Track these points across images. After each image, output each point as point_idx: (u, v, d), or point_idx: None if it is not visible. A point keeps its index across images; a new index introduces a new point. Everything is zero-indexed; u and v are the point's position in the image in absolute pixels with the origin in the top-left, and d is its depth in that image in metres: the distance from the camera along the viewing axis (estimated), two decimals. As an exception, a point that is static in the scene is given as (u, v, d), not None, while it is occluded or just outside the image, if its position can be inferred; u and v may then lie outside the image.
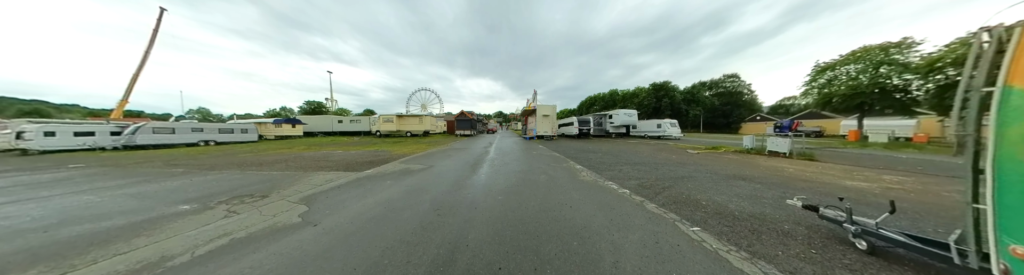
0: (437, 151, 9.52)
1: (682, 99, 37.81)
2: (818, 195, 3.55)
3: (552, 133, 16.94)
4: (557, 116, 17.45)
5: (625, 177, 4.63)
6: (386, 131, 21.64)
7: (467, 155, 8.15)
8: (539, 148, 11.03)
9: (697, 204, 3.07)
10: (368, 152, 9.85)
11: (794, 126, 37.36)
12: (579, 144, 13.50)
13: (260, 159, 7.96)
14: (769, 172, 5.48)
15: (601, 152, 9.24)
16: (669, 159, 7.43)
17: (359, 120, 26.04)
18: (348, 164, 6.27)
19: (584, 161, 6.72)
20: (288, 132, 22.55)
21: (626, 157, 7.75)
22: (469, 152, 9.18)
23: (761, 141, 10.18)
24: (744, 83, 47.06)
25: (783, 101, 65.72)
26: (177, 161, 7.96)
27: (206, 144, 16.24)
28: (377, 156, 8.27)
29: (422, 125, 21.49)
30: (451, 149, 10.48)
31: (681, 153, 9.37)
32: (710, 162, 6.92)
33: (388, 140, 18.14)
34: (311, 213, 2.75)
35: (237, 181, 4.58)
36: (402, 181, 4.28)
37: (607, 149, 10.62)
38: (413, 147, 11.84)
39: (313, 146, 13.73)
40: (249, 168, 6.15)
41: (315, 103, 45.00)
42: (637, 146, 12.41)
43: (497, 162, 6.48)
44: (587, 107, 51.87)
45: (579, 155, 8.20)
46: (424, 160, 6.98)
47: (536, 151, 9.56)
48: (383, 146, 12.89)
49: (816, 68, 19.48)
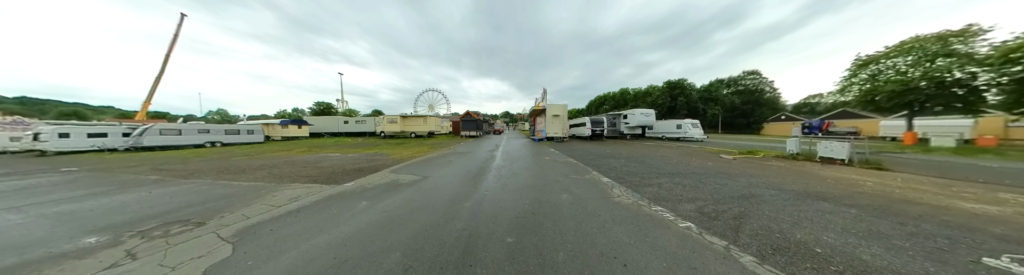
0: (437, 156, 8.65)
1: (699, 98, 35.81)
2: (959, 230, 2.44)
3: (563, 134, 15.84)
4: (567, 116, 16.37)
5: (673, 197, 3.58)
6: (390, 132, 21.11)
7: (470, 161, 7.21)
8: (550, 152, 9.98)
9: (809, 253, 2.02)
10: (365, 156, 9.14)
11: (825, 126, 34.43)
12: (594, 147, 12.39)
13: (248, 164, 7.33)
14: (844, 187, 4.34)
15: (623, 157, 8.16)
16: (706, 167, 6.30)
17: (365, 121, 25.67)
18: (333, 173, 5.47)
19: (609, 170, 5.67)
20: (294, 133, 22.39)
21: (655, 164, 6.67)
22: (473, 157, 8.26)
23: (808, 144, 8.85)
24: (766, 80, 44.40)
25: (808, 99, 61.84)
26: (165, 166, 7.44)
27: (212, 145, 16.06)
28: (372, 161, 7.51)
29: (426, 126, 20.81)
30: (453, 153, 9.59)
31: (715, 159, 8.19)
32: (758, 171, 5.77)
33: (391, 141, 17.54)
34: (229, 264, 1.89)
35: (194, 196, 3.84)
36: (381, 202, 3.39)
37: (628, 153, 9.51)
38: (414, 150, 11.07)
39: (314, 148, 13.22)
40: (226, 176, 5.48)
41: (324, 104, 45.39)
42: (659, 149, 11.22)
43: (504, 171, 5.49)
44: (597, 107, 50.32)
45: (599, 161, 7.16)
46: (420, 168, 6.09)
47: (548, 156, 8.53)
48: (383, 148, 12.21)
49: (856, 62, 17.54)
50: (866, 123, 30.83)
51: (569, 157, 8.11)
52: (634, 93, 43.72)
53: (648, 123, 17.57)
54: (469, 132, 22.36)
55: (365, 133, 25.61)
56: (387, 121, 20.70)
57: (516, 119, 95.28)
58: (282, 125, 21.74)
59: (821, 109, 55.61)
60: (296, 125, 22.43)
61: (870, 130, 28.40)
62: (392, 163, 6.97)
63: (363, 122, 25.60)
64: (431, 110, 63.50)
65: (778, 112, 43.60)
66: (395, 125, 20.52)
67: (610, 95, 48.54)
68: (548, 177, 4.88)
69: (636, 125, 17.68)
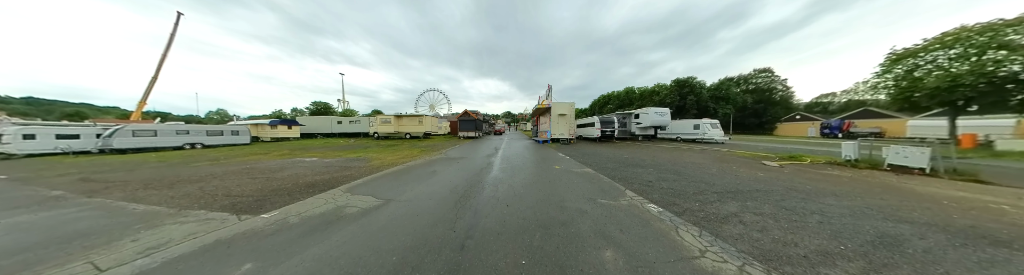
0: (422, 163, 7.22)
1: (710, 97, 34.12)
2: None
3: (569, 136, 14.42)
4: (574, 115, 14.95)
5: (786, 249, 2.16)
6: (384, 133, 19.84)
7: (459, 172, 5.77)
8: (560, 157, 8.53)
9: None
10: (342, 161, 7.84)
11: (846, 126, 32.53)
12: (608, 150, 10.95)
13: (195, 173, 6.06)
14: (990, 217, 2.96)
15: (649, 165, 6.75)
16: (763, 180, 4.90)
17: (359, 121, 24.46)
18: (275, 190, 4.10)
19: (645, 188, 4.23)
20: (284, 134, 21.23)
21: (696, 176, 5.27)
22: (465, 165, 6.84)
23: (867, 148, 7.42)
24: (778, 78, 42.66)
25: (820, 98, 59.83)
26: (102, 174, 6.22)
27: (193, 147, 14.91)
28: (343, 169, 6.20)
29: (422, 126, 19.48)
30: (444, 159, 8.19)
31: (759, 167, 6.78)
32: (835, 187, 4.40)
33: (383, 143, 16.26)
34: None
35: (35, 233, 2.56)
36: (281, 263, 1.94)
37: (652, 160, 8.09)
38: (401, 154, 9.76)
39: (295, 151, 11.99)
40: (142, 193, 4.20)
41: (321, 104, 44.38)
42: (684, 154, 9.78)
43: (502, 191, 3.95)
44: (600, 106, 48.81)
45: (624, 172, 5.73)
46: (390, 184, 4.63)
47: (560, 164, 6.99)
48: (370, 151, 10.92)
49: (890, 56, 15.87)
50: (890, 123, 29.07)
51: (584, 165, 6.68)
52: (640, 92, 42.13)
53: (663, 123, 16.08)
54: (467, 133, 20.98)
55: (359, 134, 24.43)
56: (380, 121, 19.45)
57: (518, 119, 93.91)
58: (271, 126, 20.59)
59: (834, 109, 53.71)
60: (286, 126, 21.26)
61: (895, 131, 26.65)
62: (363, 173, 5.63)
63: (357, 122, 24.40)
64: (432, 110, 62.45)
65: (791, 111, 41.80)
66: (389, 125, 19.25)
67: (614, 94, 47.03)
68: (567, 203, 3.36)
69: (649, 125, 16.20)
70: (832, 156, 8.94)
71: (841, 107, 54.31)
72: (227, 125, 17.96)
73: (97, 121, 20.06)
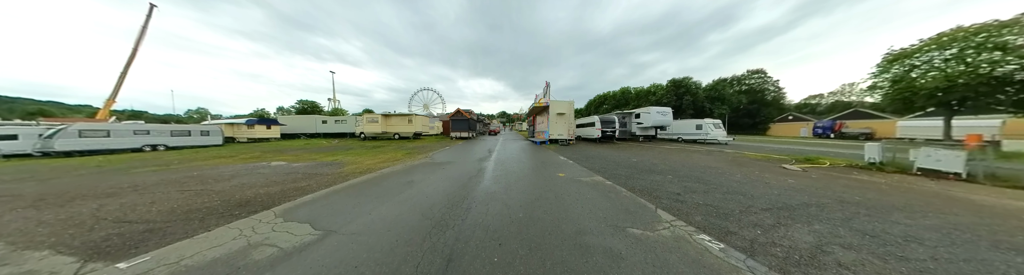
0: (401, 170, 6.16)
1: (706, 97, 33.98)
2: None
3: (569, 136, 13.58)
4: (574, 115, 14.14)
5: None
6: (371, 133, 18.61)
7: (442, 183, 4.68)
8: (561, 161, 7.59)
9: None
10: (309, 166, 6.78)
11: (837, 127, 32.84)
12: (612, 153, 10.12)
13: (125, 182, 4.94)
14: None
15: (666, 171, 5.93)
16: (800, 189, 4.14)
17: (345, 120, 23.11)
18: (189, 212, 3.05)
19: (680, 206, 3.30)
20: (262, 134, 19.76)
21: (724, 185, 4.47)
22: (451, 172, 5.81)
23: (892, 151, 6.87)
24: (771, 79, 43.05)
25: (808, 100, 61.42)
26: (6, 183, 5.02)
27: (153, 149, 13.46)
28: (303, 178, 5.18)
29: (412, 126, 18.34)
30: (429, 164, 7.18)
31: (782, 171, 6.10)
32: (889, 199, 3.71)
33: (369, 144, 15.11)
34: None
35: None
36: None
37: (663, 163, 7.30)
38: (383, 157, 8.72)
39: (267, 153, 10.79)
40: (16, 213, 3.12)
41: (308, 102, 42.49)
42: (693, 156, 9.05)
43: (494, 215, 2.90)
44: (596, 106, 48.45)
45: (643, 181, 4.84)
46: (349, 201, 3.54)
47: (563, 170, 6.03)
48: (349, 154, 9.83)
49: (887, 57, 15.94)
50: (880, 123, 29.45)
51: (593, 172, 5.76)
52: (636, 92, 41.94)
53: (665, 123, 15.44)
54: (460, 133, 19.90)
55: (346, 134, 23.10)
56: (367, 121, 18.22)
57: (513, 119, 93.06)
58: (248, 125, 19.12)
59: (821, 110, 55.09)
60: (264, 125, 19.80)
61: (885, 131, 26.91)
62: (323, 184, 4.62)
63: (343, 122, 23.05)
64: (426, 109, 61.01)
65: (784, 112, 42.26)
66: (376, 125, 18.04)
67: (610, 94, 46.73)
68: (587, 237, 2.30)
69: (651, 125, 15.53)
70: (847, 158, 8.38)
71: (828, 108, 56.03)
72: (196, 125, 16.48)
73: (50, 120, 18.22)
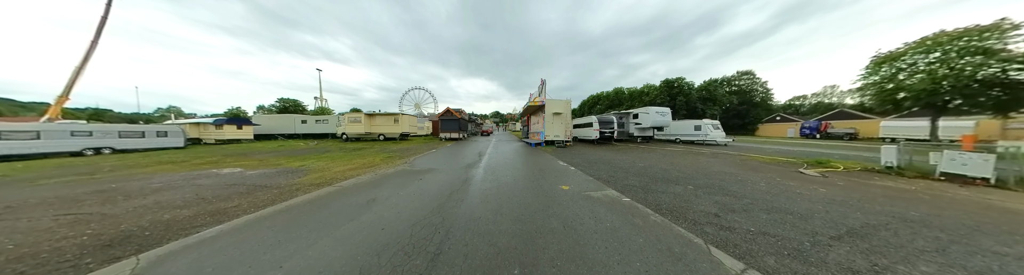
0: (368, 182, 5.04)
1: (698, 97, 34.07)
2: None
3: (565, 137, 12.79)
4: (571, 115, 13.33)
5: None
6: (354, 134, 17.28)
7: (412, 203, 3.45)
8: (561, 168, 6.65)
9: None
10: (264, 175, 5.67)
11: (823, 127, 33.55)
12: (615, 156, 9.33)
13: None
14: None
15: (683, 180, 5.14)
16: (843, 203, 3.42)
17: (326, 120, 21.61)
18: (18, 259, 1.96)
19: (732, 237, 2.42)
20: (233, 135, 18.08)
21: (757, 198, 3.71)
22: (429, 185, 4.60)
23: (908, 153, 6.46)
24: (759, 81, 43.84)
25: (792, 101, 63.64)
26: None
27: (97, 153, 11.81)
28: (241, 195, 4.12)
29: (398, 126, 17.12)
30: (407, 172, 5.96)
31: (802, 177, 5.50)
32: (950, 214, 3.07)
33: (350, 146, 13.87)
34: None
35: None
36: None
37: (675, 169, 6.54)
38: (358, 162, 7.63)
39: (228, 157, 9.48)
40: None
41: (290, 101, 40.22)
42: (700, 159, 8.39)
43: (474, 265, 1.85)
44: (590, 107, 48.15)
45: (666, 197, 3.99)
46: (273, 235, 2.39)
47: (567, 180, 5.00)
48: (321, 159, 8.67)
49: (874, 59, 16.35)
50: (864, 123, 30.19)
51: (601, 182, 4.86)
52: (629, 93, 41.85)
53: (664, 123, 14.90)
54: (449, 134, 18.74)
55: (328, 135, 21.60)
56: (349, 121, 16.89)
57: (506, 119, 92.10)
58: (215, 125, 17.43)
59: (805, 110, 57.13)
60: (235, 125, 18.13)
61: (868, 131, 27.61)
62: (261, 203, 3.58)
63: (325, 122, 21.54)
64: (417, 109, 59.30)
65: (772, 113, 43.09)
66: (359, 125, 16.73)
67: (604, 94, 46.54)
68: None
69: (650, 126, 14.96)
70: (854, 161, 7.94)
71: (811, 108, 58.44)
72: (152, 125, 14.77)
73: None
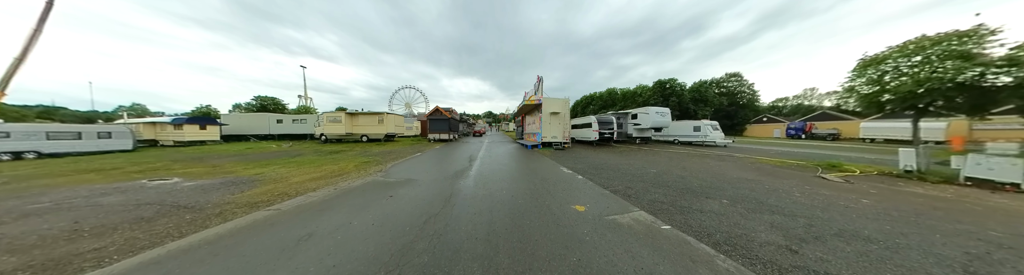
0: (320, 201, 3.74)
1: (691, 98, 34.30)
2: None
3: (564, 139, 11.97)
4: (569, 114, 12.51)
5: None
6: (334, 135, 15.83)
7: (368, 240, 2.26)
8: (566, 176, 5.56)
9: None
10: (203, 189, 4.48)
11: (807, 128, 34.45)
12: (620, 160, 8.46)
13: None
14: None
15: (708, 191, 4.33)
16: (902, 219, 2.65)
17: (304, 119, 19.94)
18: None
19: None
20: (195, 136, 16.23)
21: (807, 214, 2.93)
22: (400, 206, 3.37)
23: (924, 156, 6.10)
24: (747, 82, 44.91)
25: (775, 102, 66.32)
26: None
27: (17, 158, 10.01)
28: (140, 224, 2.98)
29: (383, 127, 15.79)
30: (377, 185, 4.67)
31: (828, 184, 4.96)
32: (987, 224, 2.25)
33: (325, 149, 12.53)
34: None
35: None
36: None
37: (691, 176, 5.75)
38: (326, 169, 6.48)
39: (177, 163, 8.07)
40: None
41: (268, 99, 37.62)
42: (709, 162, 7.72)
43: None
44: (583, 107, 47.90)
45: (706, 217, 3.08)
46: None
47: (577, 195, 3.96)
48: (287, 165, 7.42)
49: (860, 62, 16.72)
50: (845, 124, 31.16)
51: (621, 197, 3.90)
52: (622, 93, 41.90)
53: (663, 124, 14.37)
54: (439, 135, 17.43)
55: (306, 136, 19.94)
56: (328, 120, 15.45)
57: (499, 119, 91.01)
58: (174, 125, 15.58)
59: (787, 112, 59.59)
60: (197, 125, 16.29)
61: (849, 132, 28.49)
62: (143, 243, 2.51)
63: (303, 121, 19.89)
64: (408, 108, 57.35)
65: (759, 114, 44.17)
66: (338, 126, 15.33)
67: (597, 95, 46.43)
68: None
69: (649, 127, 14.41)
70: (866, 164, 7.51)
71: (792, 110, 61.18)
72: (93, 125, 12.90)
73: None
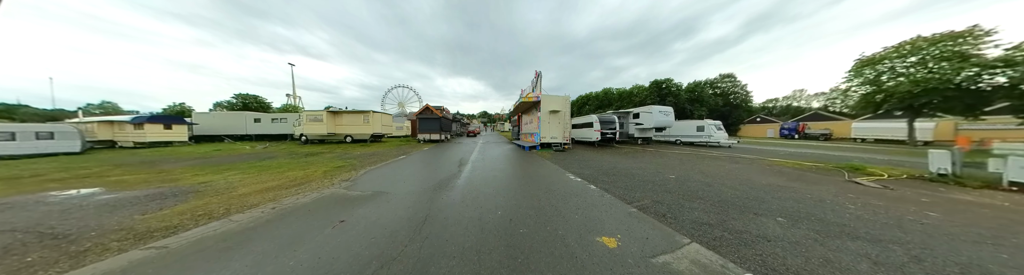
0: (233, 232, 2.53)
1: (687, 98, 34.14)
2: None
3: (564, 139, 11.14)
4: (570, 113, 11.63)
5: None
6: (314, 135, 14.60)
7: None
8: (575, 186, 4.54)
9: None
10: (117, 204, 3.39)
11: (800, 128, 34.81)
12: (629, 164, 7.60)
13: None
14: None
15: (747, 203, 3.49)
16: (994, 237, 1.92)
17: (284, 118, 18.56)
18: None
19: None
20: (158, 136, 14.74)
21: (872, 230, 2.11)
22: (348, 239, 2.22)
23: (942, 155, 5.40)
24: (740, 83, 45.30)
25: (765, 103, 67.79)
26: None
27: (-66, 160, 8.57)
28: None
29: (368, 126, 14.61)
30: (334, 201, 3.49)
31: (867, 190, 4.22)
32: None
33: (302, 151, 11.35)
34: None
35: None
36: None
37: (717, 182, 4.93)
38: (289, 176, 5.45)
39: (115, 169, 6.86)
40: None
41: (249, 97, 35.63)
42: (722, 165, 6.99)
43: None
44: (579, 108, 47.44)
45: (778, 246, 2.27)
46: None
47: (598, 213, 3.01)
48: (247, 170, 6.32)
49: (858, 62, 16.86)
50: (837, 125, 31.55)
51: (651, 216, 3.00)
52: (618, 93, 41.57)
53: (667, 124, 13.74)
54: (429, 135, 16.19)
55: (287, 136, 18.58)
56: (308, 119, 14.21)
57: (495, 119, 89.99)
58: (134, 124, 14.08)
59: (777, 112, 60.83)
60: (161, 124, 14.81)
61: (841, 132, 28.79)
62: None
63: (283, 120, 18.50)
64: (401, 108, 55.78)
65: (752, 114, 44.59)
66: (319, 125, 14.11)
67: (593, 95, 46.06)
68: None
69: (652, 126, 13.76)
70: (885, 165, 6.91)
71: (782, 111, 62.69)
72: (32, 124, 11.39)
73: None
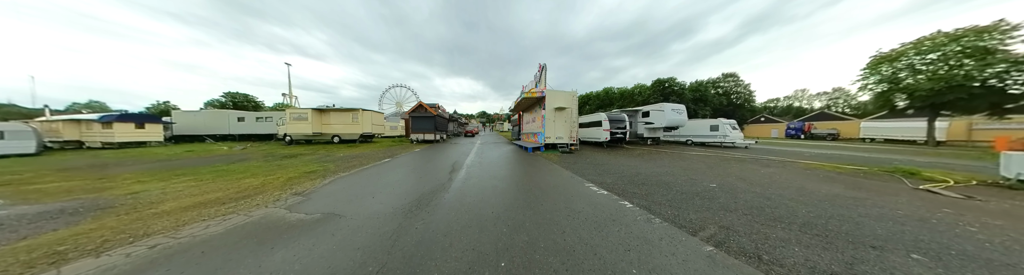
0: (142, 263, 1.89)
1: (691, 98, 33.30)
2: None
3: (571, 140, 10.11)
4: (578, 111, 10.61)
5: None
6: (299, 135, 13.50)
7: None
8: (600, 200, 3.37)
9: None
10: None
11: (806, 128, 33.67)
12: (651, 168, 6.54)
13: None
14: None
15: (843, 230, 2.50)
16: None
17: (269, 117, 17.45)
18: None
19: None
20: (130, 136, 13.59)
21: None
22: None
23: (1020, 159, 4.59)
24: (743, 83, 44.66)
25: (767, 103, 67.29)
26: None
27: None
28: None
29: (357, 125, 13.50)
30: (254, 233, 2.21)
31: (947, 201, 3.20)
32: None
33: (281, 152, 10.26)
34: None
35: None
36: None
37: (772, 194, 3.94)
38: (243, 185, 4.38)
39: (52, 174, 5.80)
40: None
41: (239, 96, 34.45)
42: (755, 169, 5.98)
43: None
44: (579, 108, 46.63)
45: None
46: None
47: (655, 261, 1.83)
48: (201, 176, 5.24)
49: (874, 59, 16.08)
50: (844, 124, 30.66)
51: (748, 263, 1.85)
52: (619, 92, 40.73)
53: (680, 123, 12.77)
54: (422, 135, 15.06)
55: (272, 136, 17.48)
56: (292, 117, 13.11)
57: (493, 119, 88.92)
58: (102, 123, 12.94)
59: (778, 112, 60.28)
60: (132, 123, 13.66)
61: (848, 132, 27.92)
62: None
63: (268, 119, 17.38)
64: (399, 108, 54.66)
65: (755, 114, 43.88)
66: (304, 124, 13.01)
67: (593, 94, 45.20)
68: None
69: (663, 126, 12.77)
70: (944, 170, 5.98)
71: (783, 111, 62.23)
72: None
73: None
